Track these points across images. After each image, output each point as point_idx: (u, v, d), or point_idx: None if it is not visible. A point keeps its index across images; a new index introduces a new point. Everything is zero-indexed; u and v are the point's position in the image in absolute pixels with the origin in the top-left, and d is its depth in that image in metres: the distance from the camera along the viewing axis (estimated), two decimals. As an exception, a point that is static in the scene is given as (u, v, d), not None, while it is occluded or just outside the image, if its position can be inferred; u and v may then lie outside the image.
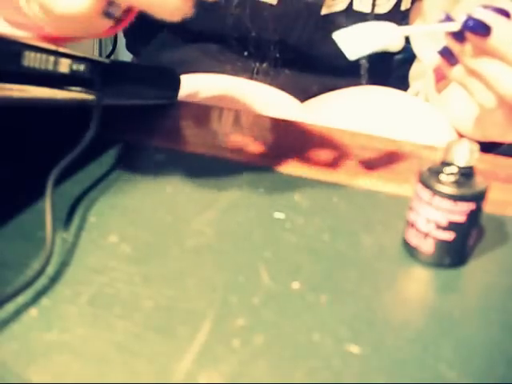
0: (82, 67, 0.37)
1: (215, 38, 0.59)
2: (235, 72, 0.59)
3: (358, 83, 0.60)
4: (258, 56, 0.59)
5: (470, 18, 0.36)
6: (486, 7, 0.36)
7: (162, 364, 0.23)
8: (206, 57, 0.61)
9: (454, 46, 0.37)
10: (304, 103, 0.62)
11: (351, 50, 0.34)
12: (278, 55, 0.58)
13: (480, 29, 0.35)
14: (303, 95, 0.61)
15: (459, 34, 0.36)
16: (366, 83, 0.60)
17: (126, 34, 0.72)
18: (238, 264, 0.29)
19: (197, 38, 0.61)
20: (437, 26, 0.37)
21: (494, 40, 0.35)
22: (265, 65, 0.59)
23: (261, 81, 0.59)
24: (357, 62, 0.58)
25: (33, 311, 0.26)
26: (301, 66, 0.59)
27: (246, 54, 0.59)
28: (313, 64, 0.59)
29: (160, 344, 0.24)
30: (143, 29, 0.68)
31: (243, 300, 0.27)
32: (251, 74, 0.60)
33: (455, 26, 0.36)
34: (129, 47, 0.74)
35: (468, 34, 0.36)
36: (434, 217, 0.28)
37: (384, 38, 0.35)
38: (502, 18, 0.36)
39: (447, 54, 0.38)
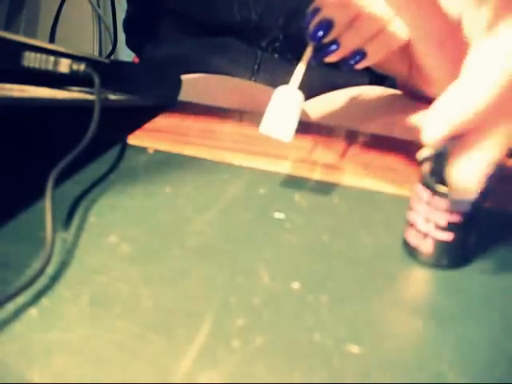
0: (82, 67, 0.37)
1: (218, 28, 0.59)
2: (237, 66, 0.59)
3: (359, 78, 0.60)
4: (261, 43, 0.58)
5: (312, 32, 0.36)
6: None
7: (162, 364, 0.23)
8: (207, 50, 0.61)
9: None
10: (303, 103, 0.62)
11: (285, 133, 0.34)
12: (280, 44, 0.58)
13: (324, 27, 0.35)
14: (304, 91, 0.61)
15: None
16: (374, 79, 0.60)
17: (126, 29, 0.72)
18: (237, 264, 0.29)
19: (198, 30, 0.60)
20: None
21: None
22: (267, 55, 0.59)
23: (262, 75, 0.59)
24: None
25: (33, 311, 0.26)
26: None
27: (248, 44, 0.59)
28: None
29: (160, 344, 0.24)
30: (143, 23, 0.68)
31: (243, 300, 0.27)
32: (252, 69, 0.60)
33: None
34: (129, 43, 0.73)
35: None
36: (433, 217, 0.28)
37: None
38: None
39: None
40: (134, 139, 0.41)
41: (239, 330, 0.25)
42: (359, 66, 0.38)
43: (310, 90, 0.61)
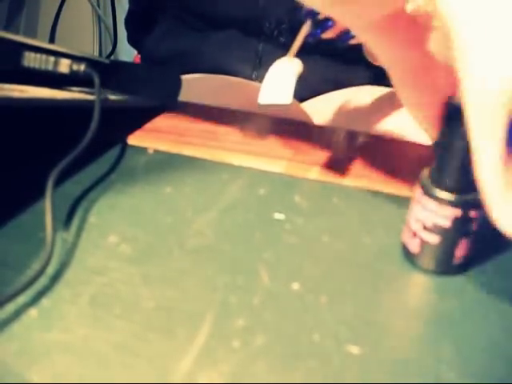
0: (82, 67, 0.37)
1: (223, 18, 0.59)
2: (239, 60, 0.59)
3: (362, 75, 0.60)
4: (267, 27, 0.58)
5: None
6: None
7: (162, 364, 0.23)
8: (209, 45, 0.60)
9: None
10: (303, 103, 0.62)
11: (283, 96, 0.34)
12: (286, 27, 0.58)
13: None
14: (306, 89, 0.60)
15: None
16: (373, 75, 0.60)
17: (127, 25, 0.72)
18: (237, 265, 0.29)
19: (200, 24, 0.60)
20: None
21: None
22: (268, 49, 0.59)
23: (264, 69, 0.59)
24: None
25: (33, 311, 0.26)
26: (307, 51, 0.59)
27: (254, 29, 0.58)
28: (319, 48, 0.57)
29: (160, 344, 0.24)
30: (145, 19, 0.67)
31: (243, 301, 0.27)
32: (254, 63, 0.59)
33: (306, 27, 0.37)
34: (130, 39, 0.73)
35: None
36: (421, 216, 0.28)
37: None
38: None
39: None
40: (133, 139, 0.41)
41: (239, 330, 0.25)
42: (354, 41, 0.39)
43: (312, 85, 0.61)
